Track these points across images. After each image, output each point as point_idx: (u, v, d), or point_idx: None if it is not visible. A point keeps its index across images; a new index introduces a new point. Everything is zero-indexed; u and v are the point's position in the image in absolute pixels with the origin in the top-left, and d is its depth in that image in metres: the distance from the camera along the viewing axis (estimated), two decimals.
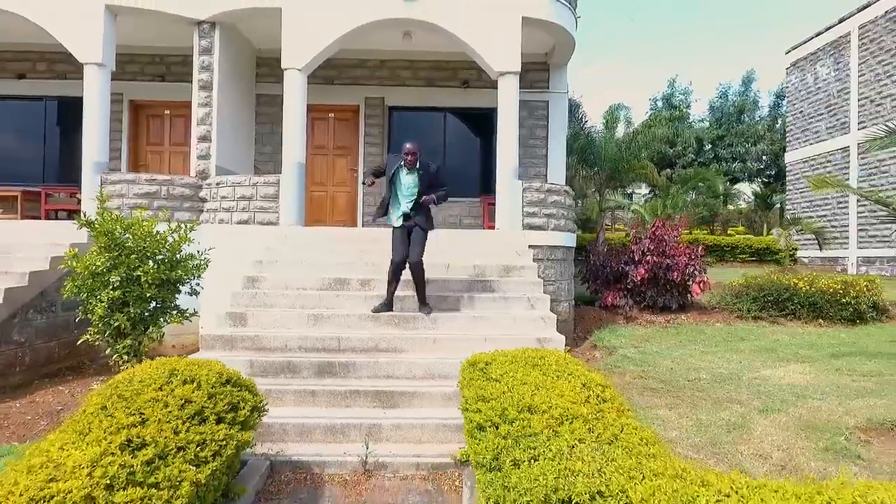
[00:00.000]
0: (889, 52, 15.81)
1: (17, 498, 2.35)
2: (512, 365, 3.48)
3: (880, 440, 4.73)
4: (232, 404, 3.32)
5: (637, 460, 2.35)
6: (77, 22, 7.93)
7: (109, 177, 8.09)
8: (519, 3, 8.05)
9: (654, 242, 10.01)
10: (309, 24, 7.96)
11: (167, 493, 2.63)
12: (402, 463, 4.12)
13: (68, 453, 2.64)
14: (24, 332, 6.48)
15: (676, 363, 7.07)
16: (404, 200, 5.93)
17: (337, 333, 5.60)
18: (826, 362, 7.24)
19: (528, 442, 2.59)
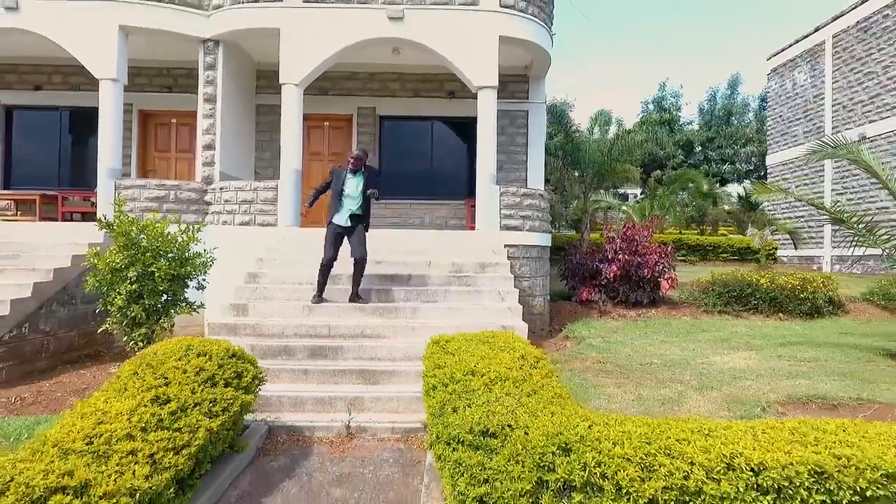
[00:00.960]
0: (859, 61, 16.57)
1: (76, 434, 3.12)
2: (467, 342, 4.25)
3: (794, 411, 5.48)
4: (237, 373, 4.09)
5: (544, 406, 3.11)
6: (93, 41, 8.69)
7: (123, 182, 8.86)
8: (496, 23, 8.81)
9: (626, 242, 10.76)
10: (304, 43, 8.73)
11: (188, 436, 3.40)
12: (380, 427, 4.88)
13: (111, 405, 3.41)
14: (49, 322, 7.24)
15: (635, 351, 7.83)
16: (351, 203, 6.71)
17: (328, 322, 6.36)
18: (772, 350, 8.00)
19: (467, 395, 3.35)
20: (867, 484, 2.43)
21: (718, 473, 2.45)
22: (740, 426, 2.79)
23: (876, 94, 15.93)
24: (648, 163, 34.05)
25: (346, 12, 8.75)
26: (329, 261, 6.67)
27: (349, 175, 6.72)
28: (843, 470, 2.46)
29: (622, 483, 2.44)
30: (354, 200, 6.75)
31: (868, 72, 16.24)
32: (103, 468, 2.94)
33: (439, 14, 8.76)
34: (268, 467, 4.25)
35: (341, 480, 4.06)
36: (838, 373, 6.72)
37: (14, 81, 10.81)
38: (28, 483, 2.59)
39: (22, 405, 5.73)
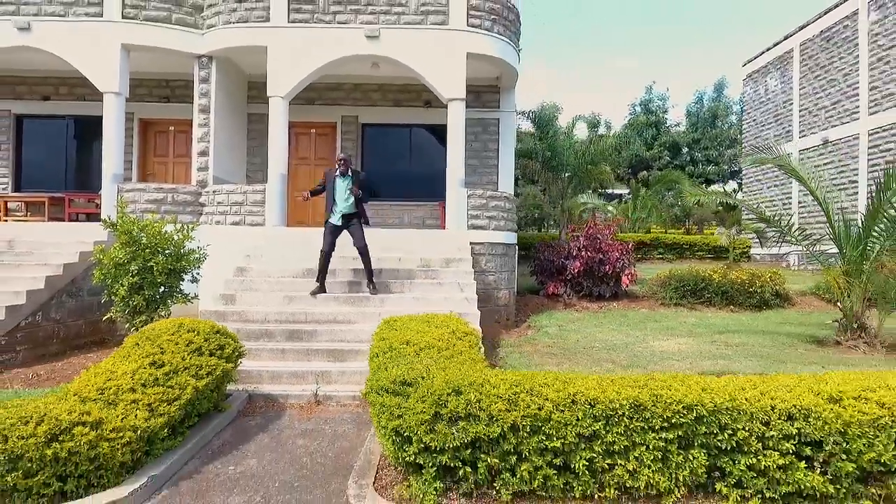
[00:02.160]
0: (823, 69, 17.45)
1: (91, 387, 4.02)
2: (410, 321, 5.14)
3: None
4: (220, 345, 4.98)
5: (455, 365, 4.00)
6: (98, 58, 9.57)
7: (125, 186, 9.75)
8: (464, 41, 9.70)
9: (588, 240, 11.64)
10: (289, 59, 9.62)
11: (178, 391, 4.29)
12: (343, 396, 5.77)
13: (118, 367, 4.30)
14: (60, 311, 8.13)
15: (585, 338, 8.72)
16: (342, 203, 7.59)
17: (305, 309, 7.25)
18: (709, 337, 8.89)
19: (399, 358, 4.24)
20: (671, 414, 3.33)
21: (564, 406, 3.35)
22: (593, 377, 3.68)
23: (837, 100, 16.81)
24: (636, 164, 34.98)
25: (327, 31, 9.64)
26: (327, 251, 7.57)
27: (338, 178, 7.61)
28: (656, 404, 3.35)
29: (493, 413, 3.33)
30: (344, 201, 7.64)
31: (831, 79, 17.12)
32: (112, 411, 3.83)
33: (412, 33, 9.65)
34: (246, 424, 5.14)
35: (305, 434, 4.95)
36: (757, 355, 7.61)
37: (24, 92, 11.69)
38: (56, 417, 3.48)
39: (38, 380, 6.62)
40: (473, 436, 3.33)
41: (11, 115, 11.78)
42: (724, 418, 3.35)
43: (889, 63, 14.83)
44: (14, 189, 11.79)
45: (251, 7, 9.66)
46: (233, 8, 9.72)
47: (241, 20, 9.71)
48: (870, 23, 15.51)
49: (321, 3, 9.63)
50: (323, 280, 7.66)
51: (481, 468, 3.40)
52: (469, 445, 3.38)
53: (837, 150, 16.75)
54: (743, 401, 3.39)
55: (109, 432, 3.63)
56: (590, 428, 3.33)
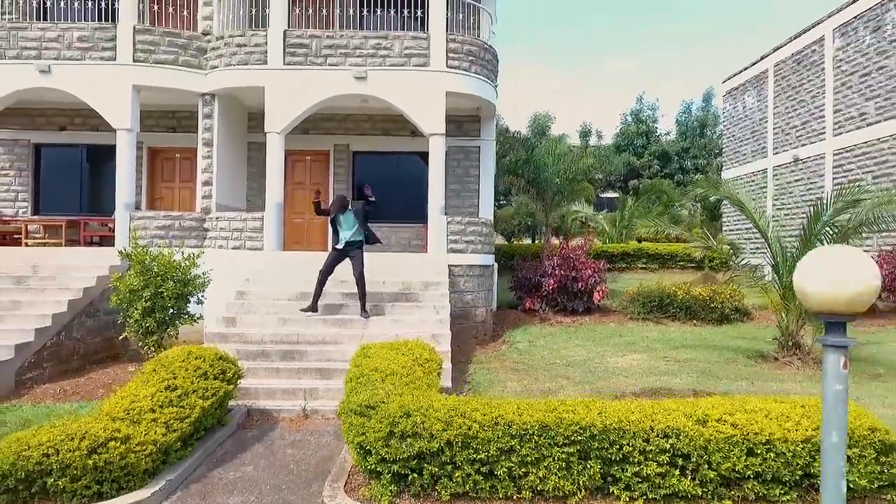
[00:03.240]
0: (794, 90, 18.36)
1: (119, 409, 4.99)
2: (381, 349, 6.11)
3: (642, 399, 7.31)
4: (223, 370, 5.96)
5: (411, 391, 4.96)
6: (111, 97, 10.55)
7: (136, 214, 10.74)
8: (444, 81, 10.65)
9: (562, 259, 12.58)
10: (285, 99, 10.59)
11: (188, 410, 5.27)
12: (328, 410, 6.74)
13: (139, 391, 5.28)
14: (80, 330, 9.12)
15: (550, 353, 9.68)
16: (346, 232, 8.60)
17: (297, 331, 8.23)
18: (663, 353, 9.83)
19: (367, 385, 5.21)
20: (571, 433, 4.29)
21: (488, 426, 4.32)
22: (514, 403, 4.65)
23: (806, 120, 17.73)
24: (627, 172, 35.91)
25: (319, 73, 10.61)
26: (324, 271, 8.64)
27: (340, 215, 8.62)
28: (559, 425, 4.32)
29: (433, 432, 4.30)
30: (349, 231, 8.68)
31: (801, 100, 18.04)
32: (137, 429, 4.81)
33: (396, 74, 10.61)
34: (244, 436, 6.12)
35: (294, 444, 5.93)
36: (698, 371, 8.55)
37: (42, 123, 12.68)
38: (95, 434, 4.47)
39: (65, 396, 7.60)
40: (418, 449, 4.31)
41: (31, 145, 12.79)
42: (613, 436, 4.32)
43: (851, 88, 15.74)
44: (33, 212, 12.80)
45: (250, 51, 10.64)
46: (233, 52, 10.70)
47: (242, 63, 10.69)
48: (834, 49, 16.43)
49: (314, 48, 10.60)
50: (316, 301, 8.62)
51: (426, 475, 4.37)
52: (416, 457, 4.35)
53: (807, 167, 17.68)
54: (628, 423, 4.36)
55: (135, 446, 4.61)
56: (508, 444, 4.30)
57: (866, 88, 15.13)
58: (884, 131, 14.50)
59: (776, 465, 4.30)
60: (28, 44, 10.50)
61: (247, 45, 10.67)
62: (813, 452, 4.27)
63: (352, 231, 8.69)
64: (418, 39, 10.61)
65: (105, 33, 10.53)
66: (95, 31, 10.52)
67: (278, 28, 10.57)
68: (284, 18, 10.66)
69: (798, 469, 4.31)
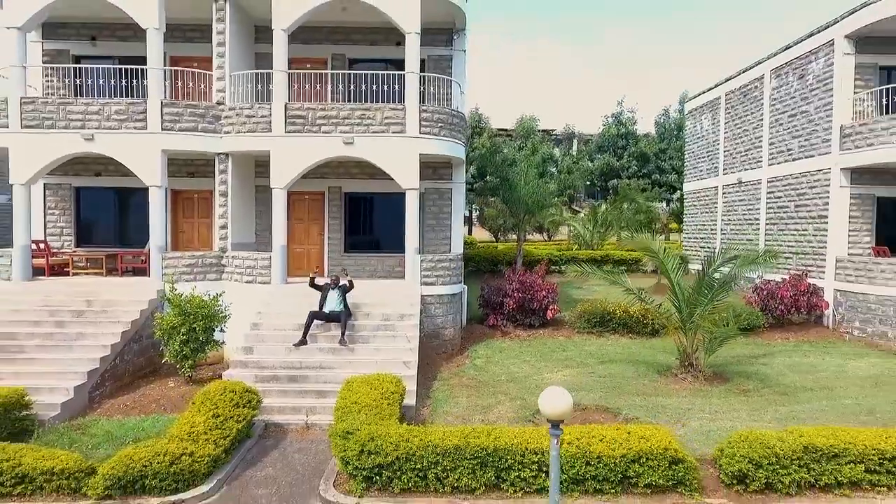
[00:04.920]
0: (741, 119, 20.56)
1: (183, 432, 7.50)
2: (361, 384, 8.61)
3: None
4: (248, 400, 8.47)
5: (378, 420, 7.47)
6: (144, 160, 12.83)
7: (166, 255, 13.14)
8: (417, 145, 12.93)
9: (520, 284, 15.01)
10: (286, 160, 12.89)
11: (228, 431, 7.80)
12: (324, 423, 9.25)
13: (194, 418, 7.80)
14: (129, 354, 11.60)
15: (500, 369, 12.17)
16: (329, 305, 11.23)
17: (300, 359, 10.71)
18: (592, 368, 12.32)
19: (349, 414, 7.71)
20: (475, 451, 6.80)
21: (423, 447, 6.83)
22: (441, 430, 7.16)
23: (748, 148, 19.98)
24: (606, 172, 38.10)
25: (314, 139, 12.89)
26: (313, 315, 11.16)
27: (331, 290, 11.14)
28: (468, 446, 6.83)
29: (388, 451, 6.82)
30: (334, 302, 11.24)
31: (745, 129, 20.26)
32: (196, 446, 7.33)
33: (378, 140, 12.90)
34: (264, 444, 8.66)
35: (299, 450, 8.47)
36: (611, 386, 11.04)
37: (81, 170, 14.98)
38: (173, 452, 6.99)
39: (127, 409, 10.12)
40: (378, 462, 6.83)
41: (72, 188, 15.13)
42: (501, 454, 6.83)
43: (782, 125, 17.97)
44: (76, 245, 15.20)
45: (257, 121, 12.91)
46: (243, 121, 12.98)
47: (250, 131, 12.98)
48: (771, 88, 18.61)
49: (309, 118, 12.87)
50: (305, 335, 11.09)
51: (384, 477, 6.91)
52: (377, 466, 6.88)
53: (748, 190, 20.00)
54: (512, 445, 6.85)
55: (197, 458, 7.14)
56: (434, 458, 6.81)
57: (792, 128, 17.37)
58: (803, 167, 16.80)
59: (604, 471, 6.82)
60: (74, 116, 12.75)
61: (254, 116, 12.94)
62: (627, 463, 6.80)
63: (334, 304, 11.24)
64: (396, 110, 12.87)
65: (137, 107, 12.78)
66: (129, 105, 12.77)
67: (280, 102, 12.81)
68: (285, 94, 12.90)
69: (618, 473, 6.84)
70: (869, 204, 15.37)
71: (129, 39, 14.78)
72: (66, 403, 9.57)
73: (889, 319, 13.80)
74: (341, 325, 11.09)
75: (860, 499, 7.01)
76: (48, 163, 12.83)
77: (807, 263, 16.52)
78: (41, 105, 12.70)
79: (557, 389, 4.59)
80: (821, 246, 15.93)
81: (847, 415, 9.60)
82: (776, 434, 7.25)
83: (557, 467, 4.77)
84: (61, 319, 11.61)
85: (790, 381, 11.52)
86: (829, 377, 11.79)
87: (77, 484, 6.94)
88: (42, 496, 6.95)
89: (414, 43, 12.78)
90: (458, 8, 13.78)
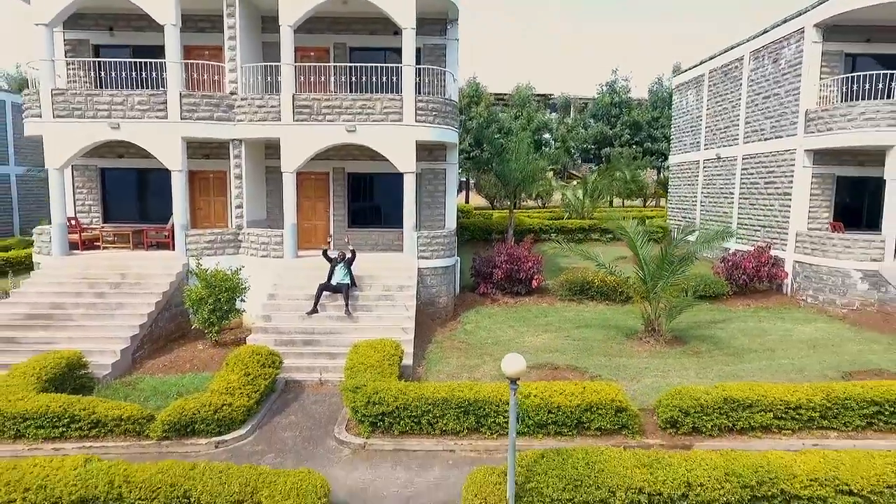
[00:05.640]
0: (721, 97, 21.64)
1: (221, 386, 9.20)
2: (366, 347, 10.27)
3: (537, 373, 11.48)
4: (272, 361, 10.15)
5: (381, 377, 9.14)
6: (166, 146, 14.12)
7: (189, 232, 14.61)
8: (413, 132, 14.21)
9: (508, 256, 16.54)
10: (295, 146, 14.20)
11: (258, 386, 9.50)
12: (336, 380, 10.96)
13: (229, 376, 9.48)
14: (161, 320, 13.24)
15: (488, 334, 13.82)
16: (337, 276, 12.69)
17: (313, 325, 12.35)
18: (568, 332, 13.97)
19: (356, 374, 9.38)
20: (459, 402, 8.49)
21: (416, 399, 8.52)
22: (433, 386, 8.83)
23: (727, 125, 21.15)
24: (600, 140, 39.11)
25: (320, 127, 14.16)
26: (322, 287, 12.68)
27: (338, 264, 12.64)
28: (453, 398, 8.51)
29: (388, 401, 8.50)
30: (341, 275, 12.72)
31: (724, 107, 21.37)
32: (233, 398, 9.02)
33: (378, 127, 14.17)
34: (286, 397, 10.37)
35: (316, 402, 10.19)
36: (584, 349, 12.71)
37: (105, 152, 16.26)
38: (215, 403, 8.69)
39: (165, 368, 11.81)
40: (381, 410, 8.52)
41: (97, 168, 16.48)
42: (481, 404, 8.51)
43: (757, 106, 19.12)
44: (103, 220, 16.66)
45: (268, 111, 14.17)
46: (255, 111, 14.24)
47: (262, 119, 14.24)
48: (749, 70, 19.65)
49: (315, 108, 14.11)
50: (316, 304, 12.70)
51: (385, 422, 8.62)
52: (380, 414, 8.57)
53: (725, 165, 21.28)
54: (489, 397, 8.52)
55: (235, 407, 8.83)
56: (426, 408, 8.50)
57: (766, 109, 18.54)
58: (772, 147, 18.07)
59: (563, 418, 8.52)
60: (100, 106, 13.99)
61: (265, 105, 14.18)
62: (581, 411, 8.49)
63: (340, 277, 12.73)
64: (394, 101, 14.09)
65: (158, 98, 14.01)
66: (150, 96, 14.00)
67: (288, 93, 14.03)
68: (292, 85, 14.10)
69: (574, 419, 8.54)
70: (829, 183, 16.74)
71: (144, 30, 15.82)
72: (114, 364, 11.26)
73: (837, 288, 15.40)
74: (345, 298, 12.67)
75: (769, 439, 8.73)
76: (79, 149, 14.15)
77: (772, 236, 18.01)
78: (70, 96, 13.93)
79: (515, 355, 6.13)
80: (784, 220, 17.39)
81: (780, 373, 11.30)
82: (703, 388, 8.92)
83: (515, 413, 6.35)
84: (101, 291, 13.21)
85: (740, 343, 13.20)
86: (775, 340, 13.46)
87: (140, 428, 8.65)
88: (112, 438, 8.68)
89: (410, 38, 13.89)
90: (451, 3, 14.81)
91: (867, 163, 16.36)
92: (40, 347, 11.20)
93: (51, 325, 12.09)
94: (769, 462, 6.71)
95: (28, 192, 27.80)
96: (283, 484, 6.41)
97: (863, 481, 6.55)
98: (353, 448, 8.55)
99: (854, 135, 14.90)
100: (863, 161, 16.39)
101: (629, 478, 6.46)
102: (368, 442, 8.57)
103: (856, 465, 6.73)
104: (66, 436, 8.61)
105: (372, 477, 7.80)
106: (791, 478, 6.52)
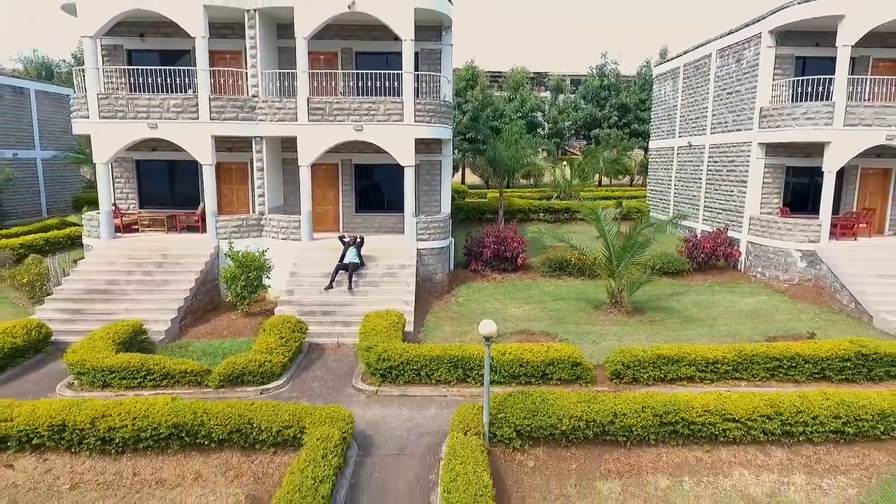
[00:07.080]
0: (693, 89, 23.62)
1: (263, 347, 11.60)
2: (376, 317, 12.67)
3: (511, 338, 13.87)
4: (300, 327, 12.56)
5: (389, 340, 11.55)
6: (198, 143, 16.25)
7: (219, 218, 16.84)
8: (413, 131, 16.32)
9: (496, 237, 18.82)
10: (310, 143, 16.32)
11: (290, 347, 11.94)
12: (350, 343, 13.38)
13: (266, 339, 11.88)
14: (199, 294, 15.58)
15: (478, 306, 16.20)
16: (348, 257, 14.96)
17: (329, 299, 14.71)
18: (546, 304, 16.35)
19: (368, 336, 11.78)
20: (450, 358, 10.92)
21: (416, 356, 10.94)
22: (428, 346, 11.25)
23: (697, 116, 23.21)
24: (589, 122, 40.97)
25: (332, 126, 16.26)
26: (337, 267, 14.98)
27: (350, 247, 14.92)
28: (445, 355, 10.94)
29: (394, 357, 10.93)
30: (352, 256, 14.99)
31: (695, 99, 23.39)
32: (272, 356, 11.44)
33: (382, 127, 16.28)
34: (311, 357, 12.81)
35: (335, 360, 12.63)
36: (557, 318, 15.10)
37: (140, 146, 18.28)
38: (258, 360, 11.11)
39: (207, 335, 14.20)
40: (389, 365, 10.94)
41: (133, 160, 18.61)
42: (467, 360, 10.93)
43: (722, 100, 21.15)
44: (139, 206, 18.87)
45: (286, 113, 16.25)
46: (274, 112, 16.33)
47: (280, 120, 16.34)
48: (716, 66, 21.61)
49: (327, 109, 16.19)
50: (332, 281, 15.04)
51: (393, 374, 11.06)
52: (388, 368, 11.00)
53: (695, 153, 23.42)
54: (473, 354, 10.94)
55: (274, 363, 11.25)
56: (424, 362, 10.92)
57: (729, 103, 20.59)
58: (733, 139, 20.19)
59: (531, 370, 10.95)
60: (140, 109, 16.05)
61: (283, 108, 16.26)
62: (545, 365, 10.90)
63: (351, 257, 15.05)
64: (395, 103, 16.17)
65: (190, 102, 16.07)
66: (184, 100, 16.05)
67: (304, 97, 16.09)
68: (307, 90, 16.15)
69: (540, 372, 10.96)
70: (780, 172, 18.94)
71: (172, 35, 17.71)
72: (167, 331, 13.65)
73: (781, 266, 17.76)
74: (348, 275, 15.01)
75: (693, 387, 11.18)
76: (122, 146, 16.27)
77: (731, 219, 20.29)
78: (114, 100, 15.98)
79: (489, 321, 8.47)
80: (741, 205, 19.65)
81: (716, 337, 13.72)
82: (641, 348, 11.35)
83: (489, 365, 8.75)
84: (147, 269, 15.52)
85: (690, 313, 15.61)
86: (721, 311, 15.87)
87: (200, 379, 11.06)
88: (179, 387, 11.10)
89: (409, 48, 15.89)
90: (445, 14, 16.75)
91: (814, 154, 18.51)
92: (105, 318, 13.57)
93: (111, 298, 14.45)
94: (676, 399, 9.16)
95: (53, 175, 29.82)
96: (320, 414, 8.85)
97: (742, 412, 9.00)
98: (367, 394, 11.00)
99: (797, 132, 17.05)
100: (810, 153, 18.55)
101: (572, 409, 8.91)
102: (379, 389, 11.01)
103: (739, 401, 9.18)
104: (142, 385, 11.02)
105: (383, 414, 10.27)
106: (690, 409, 8.98)
